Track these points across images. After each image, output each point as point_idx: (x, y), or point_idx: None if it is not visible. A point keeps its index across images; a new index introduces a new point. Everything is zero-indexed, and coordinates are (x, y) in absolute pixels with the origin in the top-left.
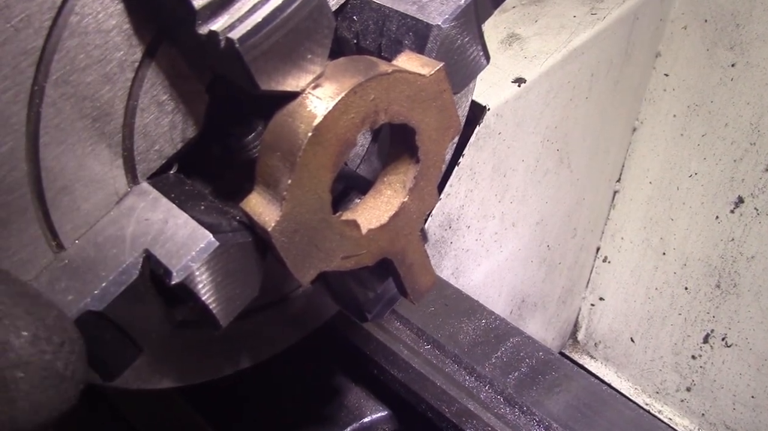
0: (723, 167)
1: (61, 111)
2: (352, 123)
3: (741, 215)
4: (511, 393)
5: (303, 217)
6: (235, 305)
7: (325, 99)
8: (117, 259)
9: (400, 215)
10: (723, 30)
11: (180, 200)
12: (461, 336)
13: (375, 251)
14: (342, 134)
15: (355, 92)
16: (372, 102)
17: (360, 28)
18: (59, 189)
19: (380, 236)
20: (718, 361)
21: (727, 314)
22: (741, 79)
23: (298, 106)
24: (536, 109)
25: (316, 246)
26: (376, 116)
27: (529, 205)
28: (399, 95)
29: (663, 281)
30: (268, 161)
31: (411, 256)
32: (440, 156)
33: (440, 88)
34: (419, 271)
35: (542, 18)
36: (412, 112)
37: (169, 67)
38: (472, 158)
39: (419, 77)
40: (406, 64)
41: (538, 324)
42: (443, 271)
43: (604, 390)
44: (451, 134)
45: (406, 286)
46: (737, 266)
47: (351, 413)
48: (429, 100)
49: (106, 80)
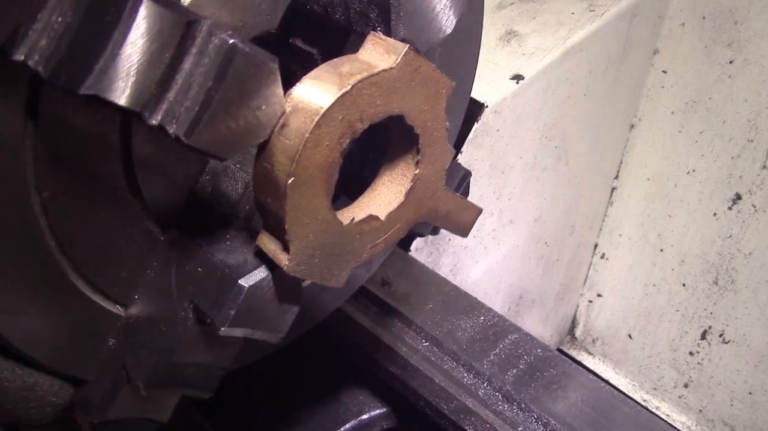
0: (721, 164)
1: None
2: (330, 149)
3: (739, 211)
4: (510, 389)
5: (314, 243)
6: (288, 319)
7: (294, 140)
8: (170, 310)
9: (416, 187)
10: (721, 27)
11: (207, 238)
12: (459, 333)
13: (403, 225)
14: (323, 161)
15: (320, 125)
16: (343, 121)
17: (326, 2)
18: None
19: (403, 212)
20: (715, 357)
21: (725, 311)
22: (739, 76)
23: (271, 153)
24: (534, 106)
25: (338, 255)
26: (354, 128)
27: (527, 202)
28: (369, 100)
29: (661, 278)
30: (263, 208)
31: (443, 208)
32: (439, 118)
33: (413, 68)
34: (458, 213)
35: (540, 15)
36: (390, 105)
37: None
38: (470, 154)
39: (385, 73)
40: (371, 56)
41: (536, 321)
42: (441, 268)
43: (602, 386)
44: (444, 93)
45: (451, 230)
46: (735, 263)
47: (349, 410)
48: (405, 85)
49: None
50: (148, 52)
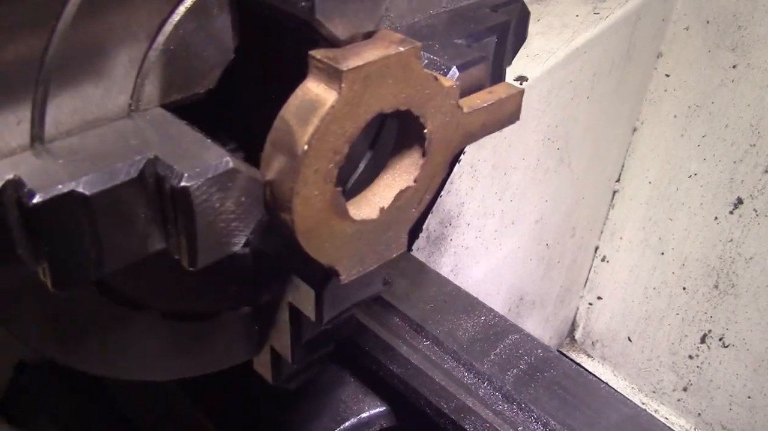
0: (723, 168)
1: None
2: (329, 175)
3: (740, 216)
4: (510, 389)
5: (357, 252)
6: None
7: (288, 184)
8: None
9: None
10: (725, 31)
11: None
12: (460, 333)
13: (441, 167)
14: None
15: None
16: (325, 159)
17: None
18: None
19: (432, 162)
20: (715, 361)
21: (725, 315)
22: (742, 80)
23: (282, 199)
24: (538, 107)
25: (385, 236)
26: (338, 158)
27: (529, 203)
28: (338, 132)
29: (661, 281)
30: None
31: (474, 127)
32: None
33: (362, 85)
34: (495, 114)
35: (545, 17)
36: (361, 121)
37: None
38: (472, 155)
39: (335, 108)
40: (318, 87)
41: (536, 322)
42: (443, 268)
43: (602, 388)
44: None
45: (501, 129)
46: (735, 267)
47: (349, 408)
48: (364, 101)
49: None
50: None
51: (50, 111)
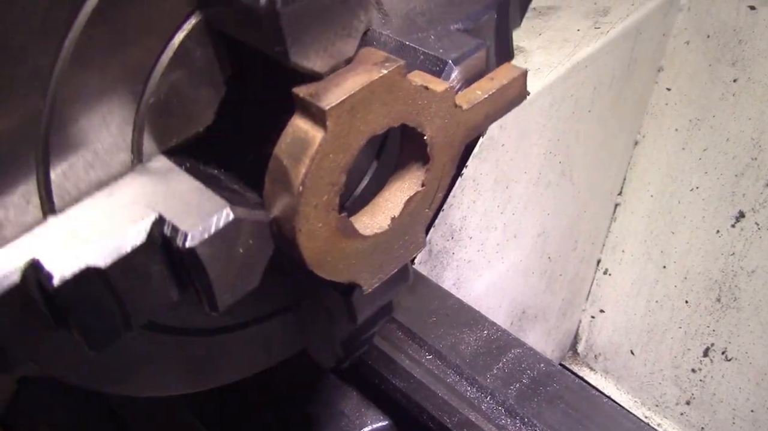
0: (724, 182)
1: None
2: (331, 204)
3: (742, 229)
4: (513, 404)
5: (376, 265)
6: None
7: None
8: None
9: (434, 142)
10: (725, 46)
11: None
12: (462, 347)
13: (448, 167)
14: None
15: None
16: (326, 188)
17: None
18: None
19: (438, 163)
20: (717, 375)
21: (728, 329)
22: (743, 94)
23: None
24: (539, 121)
25: (401, 242)
26: (340, 184)
27: (531, 217)
28: (332, 165)
29: (663, 295)
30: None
31: (479, 118)
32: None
33: (349, 118)
34: (499, 101)
35: (546, 31)
36: (355, 148)
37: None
38: (474, 169)
39: (323, 145)
40: (305, 123)
41: (538, 336)
42: (445, 281)
43: (605, 402)
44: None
45: (510, 110)
46: (738, 281)
47: (351, 422)
48: (357, 130)
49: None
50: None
51: (55, 185)
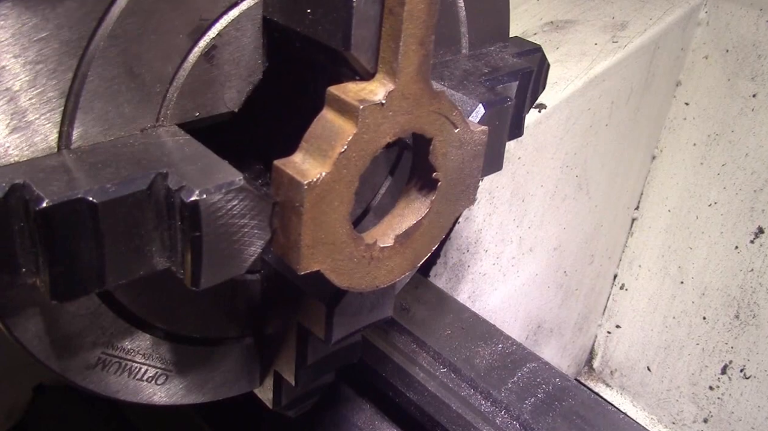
0: (743, 197)
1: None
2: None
3: (761, 245)
4: (527, 418)
5: None
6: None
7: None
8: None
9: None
10: (744, 60)
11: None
12: (477, 360)
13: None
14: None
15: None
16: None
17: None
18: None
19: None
20: (736, 393)
21: (746, 346)
22: (762, 109)
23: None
24: (556, 135)
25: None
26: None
27: (547, 230)
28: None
29: (681, 311)
30: None
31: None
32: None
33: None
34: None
35: (564, 45)
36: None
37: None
38: (490, 182)
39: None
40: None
41: (554, 350)
42: (460, 294)
43: (621, 418)
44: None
45: None
46: (756, 297)
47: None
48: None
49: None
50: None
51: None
